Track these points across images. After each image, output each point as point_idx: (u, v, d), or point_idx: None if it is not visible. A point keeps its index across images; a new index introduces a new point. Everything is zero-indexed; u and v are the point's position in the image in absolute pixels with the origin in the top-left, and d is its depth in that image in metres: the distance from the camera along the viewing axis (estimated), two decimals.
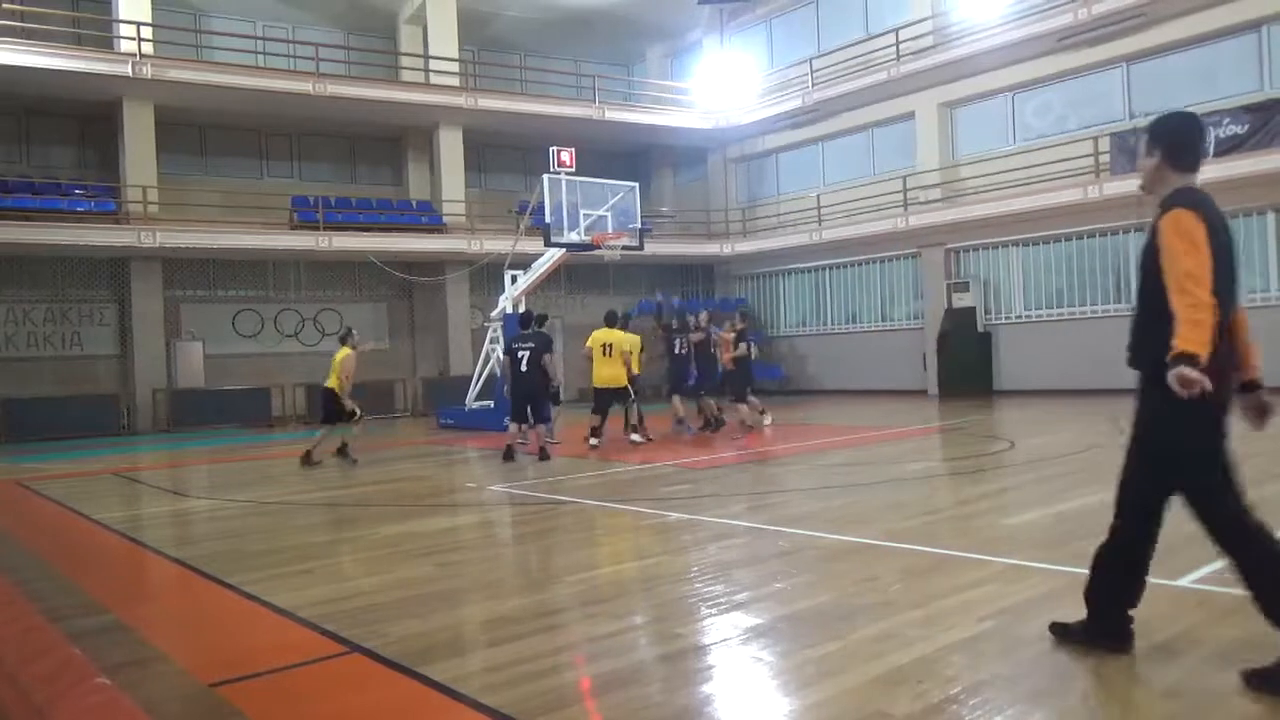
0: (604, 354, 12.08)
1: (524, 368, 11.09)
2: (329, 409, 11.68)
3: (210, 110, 20.80)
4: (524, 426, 11.29)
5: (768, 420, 13.84)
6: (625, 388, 12.19)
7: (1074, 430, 11.64)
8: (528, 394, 11.17)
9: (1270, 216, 16.19)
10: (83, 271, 19.69)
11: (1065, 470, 8.42)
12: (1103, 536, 3.49)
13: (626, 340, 12.23)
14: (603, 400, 12.14)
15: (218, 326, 21.13)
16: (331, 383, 11.62)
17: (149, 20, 19.71)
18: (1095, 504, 6.69)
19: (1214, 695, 3.09)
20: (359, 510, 8.05)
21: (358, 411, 11.74)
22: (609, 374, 12.08)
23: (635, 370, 12.31)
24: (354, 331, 12.25)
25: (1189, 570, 4.57)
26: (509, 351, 11.73)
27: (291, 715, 3.40)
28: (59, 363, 19.62)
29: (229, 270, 21.31)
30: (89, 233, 18.32)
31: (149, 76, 18.65)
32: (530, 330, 11.63)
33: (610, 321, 12.37)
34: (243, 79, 19.73)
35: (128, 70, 18.47)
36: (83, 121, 20.74)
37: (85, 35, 19.83)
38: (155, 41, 19.85)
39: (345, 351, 11.67)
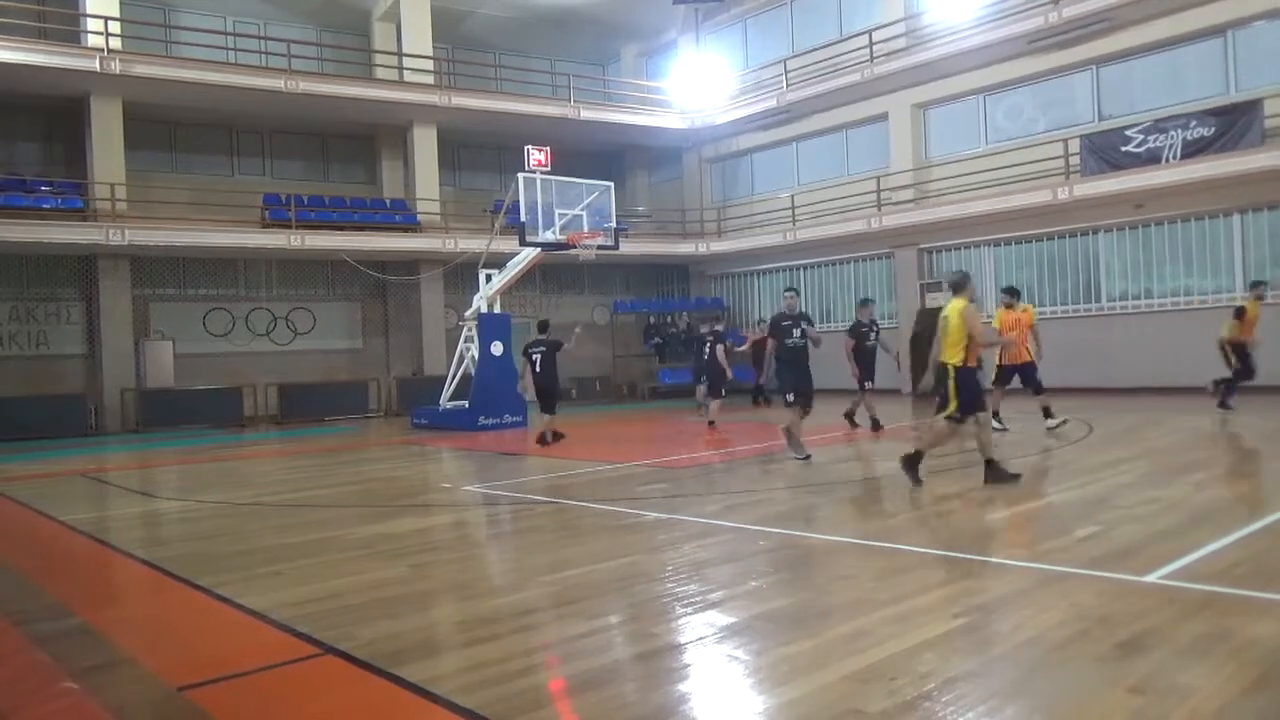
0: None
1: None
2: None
3: (180, 106, 20.53)
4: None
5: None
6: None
7: (1043, 429, 11.75)
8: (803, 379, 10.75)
9: (1236, 218, 16.44)
10: (49, 269, 19.35)
11: (1034, 469, 8.50)
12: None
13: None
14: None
15: (188, 325, 20.85)
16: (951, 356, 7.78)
17: (117, 14, 19.43)
18: (1064, 502, 6.79)
19: (1180, 691, 3.13)
20: (332, 511, 7.98)
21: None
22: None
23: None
24: (969, 278, 7.93)
25: (1156, 566, 4.64)
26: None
27: (262, 718, 3.36)
28: (25, 362, 19.27)
29: (199, 268, 21.04)
30: (55, 230, 18.02)
31: (117, 72, 18.39)
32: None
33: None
34: (213, 75, 19.49)
35: (95, 65, 18.21)
36: (49, 116, 20.39)
37: (52, 29, 19.48)
38: (124, 36, 19.56)
39: (956, 303, 7.76)
